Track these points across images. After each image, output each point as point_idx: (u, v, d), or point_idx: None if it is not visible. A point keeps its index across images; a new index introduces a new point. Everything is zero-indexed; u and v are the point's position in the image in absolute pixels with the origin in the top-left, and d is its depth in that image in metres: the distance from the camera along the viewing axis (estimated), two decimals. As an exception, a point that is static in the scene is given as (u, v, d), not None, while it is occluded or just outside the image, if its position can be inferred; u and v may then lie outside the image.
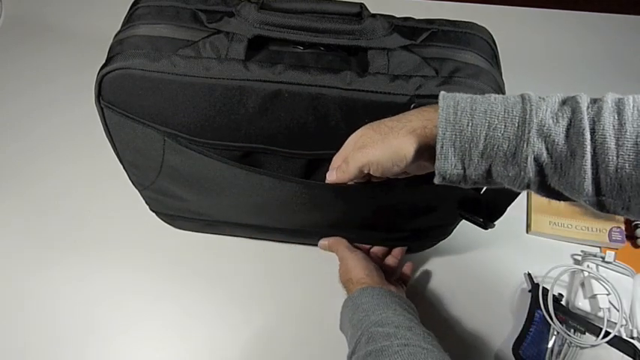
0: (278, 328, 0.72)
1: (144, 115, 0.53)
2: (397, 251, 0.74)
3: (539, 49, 1.05)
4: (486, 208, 0.58)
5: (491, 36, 0.56)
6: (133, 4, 0.56)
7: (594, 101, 0.39)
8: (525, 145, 0.38)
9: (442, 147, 0.40)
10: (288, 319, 0.73)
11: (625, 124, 0.36)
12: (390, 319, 0.54)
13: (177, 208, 0.71)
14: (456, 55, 0.51)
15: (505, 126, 0.38)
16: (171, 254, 0.77)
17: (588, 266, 0.73)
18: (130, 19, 0.54)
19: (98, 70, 0.51)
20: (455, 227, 0.70)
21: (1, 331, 0.70)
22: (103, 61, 0.51)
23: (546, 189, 0.40)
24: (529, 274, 0.74)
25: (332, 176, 0.50)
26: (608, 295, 0.69)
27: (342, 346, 0.58)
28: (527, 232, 0.81)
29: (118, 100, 0.53)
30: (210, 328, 0.71)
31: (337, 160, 0.50)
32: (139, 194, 0.70)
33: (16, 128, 0.91)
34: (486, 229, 0.59)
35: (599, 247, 0.78)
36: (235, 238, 0.79)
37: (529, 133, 0.38)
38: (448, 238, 0.73)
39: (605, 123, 0.36)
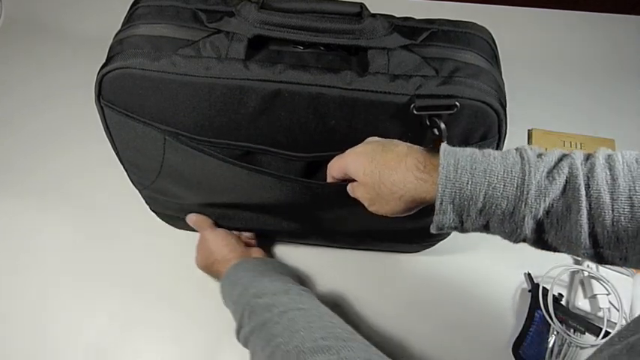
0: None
1: (144, 115, 0.53)
2: None
3: (539, 49, 1.05)
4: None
5: (492, 36, 0.56)
6: (133, 4, 0.56)
7: (587, 158, 0.40)
8: (523, 206, 0.39)
9: (441, 203, 0.41)
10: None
11: (617, 178, 0.37)
12: (267, 288, 0.57)
13: (178, 208, 0.71)
14: (456, 54, 0.51)
15: (504, 186, 0.39)
16: (171, 254, 0.77)
17: (588, 266, 0.73)
18: (130, 19, 0.54)
19: (98, 69, 0.51)
20: (455, 227, 0.70)
21: None
22: (103, 61, 0.51)
23: (542, 243, 0.41)
24: (529, 274, 0.74)
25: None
26: (608, 295, 0.69)
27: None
28: (527, 232, 0.81)
29: (118, 99, 0.53)
30: (210, 328, 0.71)
31: (334, 171, 0.51)
32: (139, 194, 0.70)
33: (15, 128, 0.91)
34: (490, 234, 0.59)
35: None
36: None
37: (527, 194, 0.39)
38: (448, 238, 0.73)
39: (598, 179, 0.38)
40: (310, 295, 0.58)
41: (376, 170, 0.45)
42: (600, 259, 0.40)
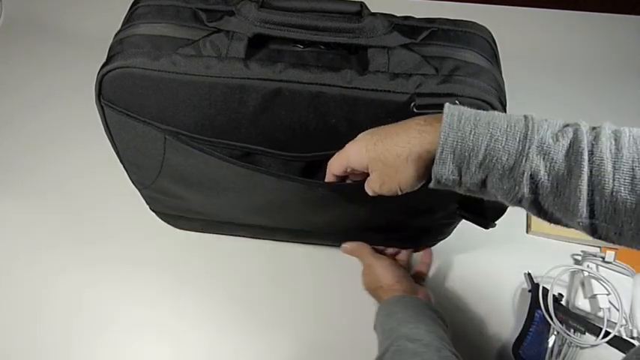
0: (279, 328, 0.72)
1: (144, 114, 0.53)
2: (425, 255, 0.76)
3: (539, 49, 1.05)
4: (487, 207, 0.58)
5: (492, 35, 0.56)
6: (133, 4, 0.56)
7: (593, 128, 0.40)
8: (524, 161, 0.38)
9: (442, 152, 0.40)
10: (289, 318, 0.72)
11: (622, 149, 0.37)
12: (421, 336, 0.54)
13: (178, 207, 0.71)
14: (456, 53, 0.51)
15: (507, 139, 0.39)
16: (171, 254, 0.77)
17: (588, 266, 0.73)
18: (130, 19, 0.54)
19: (98, 69, 0.51)
20: (455, 227, 0.70)
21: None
22: (103, 61, 0.51)
23: (538, 207, 0.41)
24: (529, 274, 0.74)
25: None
26: (608, 295, 0.69)
27: (342, 343, 0.58)
28: (527, 231, 0.81)
29: (119, 99, 0.53)
30: (210, 328, 0.71)
31: (335, 168, 0.50)
32: (139, 194, 0.70)
33: (15, 128, 0.91)
34: (487, 228, 0.59)
35: (599, 246, 0.78)
36: (236, 237, 0.78)
37: (529, 148, 0.38)
38: (448, 237, 0.73)
39: (602, 146, 0.37)
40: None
41: (379, 142, 0.45)
42: (594, 231, 0.39)
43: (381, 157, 0.45)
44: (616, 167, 0.37)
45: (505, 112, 0.51)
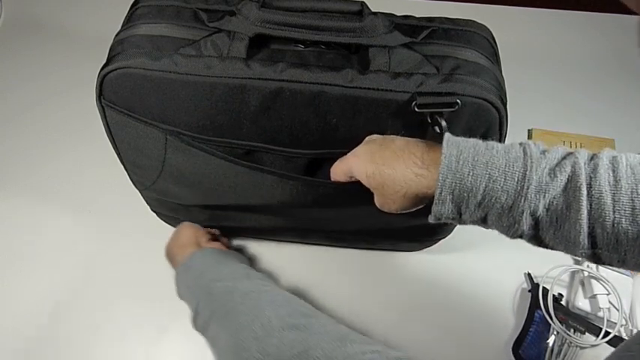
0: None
1: (145, 114, 0.53)
2: None
3: (539, 49, 1.05)
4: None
5: (492, 34, 0.56)
6: (134, 4, 0.56)
7: (591, 158, 0.40)
8: (523, 201, 0.39)
9: (441, 193, 0.41)
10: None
11: (620, 180, 0.37)
12: (225, 274, 0.56)
13: (179, 208, 0.71)
14: (456, 52, 0.51)
15: (505, 179, 0.39)
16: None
17: (588, 266, 0.73)
18: (130, 19, 0.54)
19: (99, 69, 0.51)
20: (455, 227, 0.70)
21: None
22: (104, 61, 0.51)
23: (539, 240, 0.41)
24: (529, 274, 0.74)
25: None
26: (608, 295, 0.69)
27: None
28: (527, 231, 0.81)
29: (120, 99, 0.53)
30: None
31: (339, 176, 0.51)
32: (140, 195, 0.70)
33: (15, 128, 0.91)
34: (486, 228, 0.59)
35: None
36: (237, 238, 0.78)
37: (527, 189, 0.39)
38: (448, 237, 0.73)
39: (601, 179, 0.38)
40: (271, 280, 0.57)
41: (377, 171, 0.45)
42: (598, 259, 0.40)
43: (379, 188, 0.46)
44: (615, 199, 0.37)
45: (506, 110, 0.51)
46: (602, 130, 0.90)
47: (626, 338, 0.68)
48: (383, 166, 0.45)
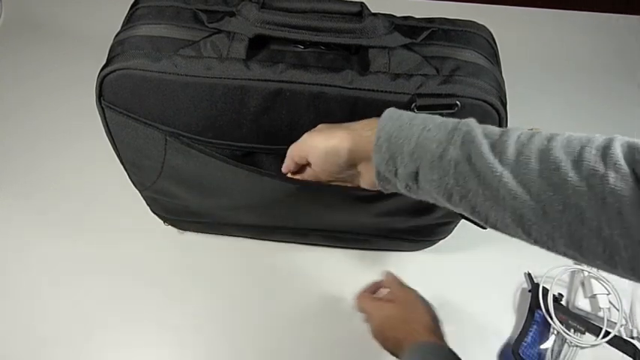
0: (280, 328, 0.72)
1: (145, 115, 0.53)
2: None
3: (539, 49, 1.05)
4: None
5: (491, 34, 0.56)
6: (133, 5, 0.56)
7: (531, 129, 0.40)
8: (452, 149, 0.39)
9: (379, 139, 0.41)
10: (290, 318, 0.72)
11: (552, 146, 0.36)
12: None
13: (178, 208, 0.71)
14: (456, 53, 0.51)
15: (438, 130, 0.40)
16: (172, 255, 0.77)
17: (588, 266, 0.73)
18: (130, 20, 0.54)
19: (99, 70, 0.51)
20: (455, 227, 0.70)
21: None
22: (104, 61, 0.51)
23: (469, 204, 0.40)
24: (529, 274, 0.74)
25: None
26: (608, 295, 0.70)
27: (343, 343, 0.58)
28: (527, 231, 0.81)
29: (119, 100, 0.53)
30: (211, 328, 0.71)
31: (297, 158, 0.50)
32: (140, 195, 0.70)
33: (15, 128, 0.91)
34: (485, 228, 0.59)
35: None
36: (237, 238, 0.78)
37: (457, 137, 0.39)
38: (448, 237, 0.73)
39: (534, 143, 0.37)
40: None
41: (329, 132, 0.46)
42: (529, 234, 0.39)
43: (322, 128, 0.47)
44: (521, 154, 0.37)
45: (506, 111, 0.51)
46: (602, 130, 0.89)
47: (626, 338, 0.68)
48: (334, 133, 0.46)
